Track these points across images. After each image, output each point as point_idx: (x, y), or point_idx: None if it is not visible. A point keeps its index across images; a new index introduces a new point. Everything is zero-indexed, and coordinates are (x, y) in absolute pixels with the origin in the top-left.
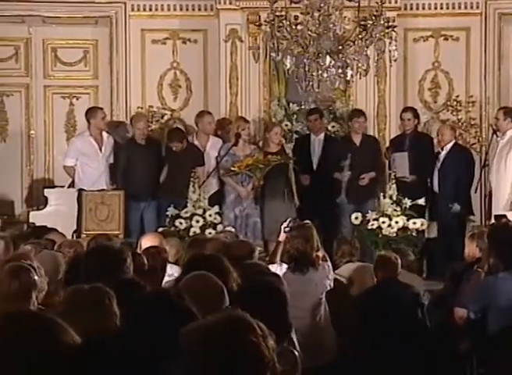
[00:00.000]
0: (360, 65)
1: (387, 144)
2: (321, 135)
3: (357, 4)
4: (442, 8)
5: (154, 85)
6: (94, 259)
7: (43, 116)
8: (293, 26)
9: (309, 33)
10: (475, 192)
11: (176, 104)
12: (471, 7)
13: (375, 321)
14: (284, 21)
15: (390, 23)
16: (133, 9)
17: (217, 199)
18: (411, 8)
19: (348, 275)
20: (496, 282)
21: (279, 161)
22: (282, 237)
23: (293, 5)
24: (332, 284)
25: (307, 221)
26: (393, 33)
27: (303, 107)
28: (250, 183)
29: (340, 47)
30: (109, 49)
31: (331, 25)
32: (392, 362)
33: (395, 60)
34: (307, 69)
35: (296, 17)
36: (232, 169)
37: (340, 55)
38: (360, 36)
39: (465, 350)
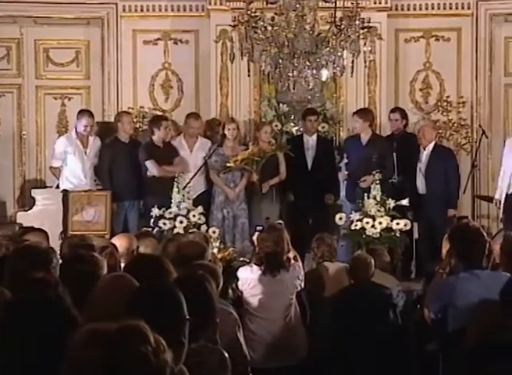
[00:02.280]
0: (335, 65)
1: None
2: (314, 135)
3: (333, 5)
4: (433, 9)
5: (145, 86)
6: (18, 259)
7: (35, 117)
8: (268, 27)
9: (284, 33)
10: (463, 193)
11: (168, 105)
12: (462, 8)
13: (348, 321)
14: (259, 22)
15: (365, 24)
16: (124, 10)
17: (205, 199)
18: (402, 9)
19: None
20: (456, 282)
21: (273, 151)
22: (255, 236)
23: (270, 5)
24: (302, 284)
25: (280, 221)
26: (368, 34)
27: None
28: (240, 184)
29: (316, 48)
30: (101, 50)
31: (306, 26)
32: (364, 362)
33: (370, 61)
34: (282, 70)
35: (272, 18)
36: (229, 164)
37: (315, 56)
38: (333, 37)
39: (432, 350)
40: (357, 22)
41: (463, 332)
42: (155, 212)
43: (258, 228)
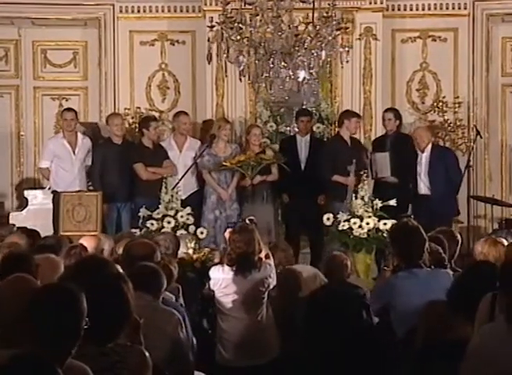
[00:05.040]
0: (311, 66)
1: None
2: (308, 136)
3: (309, 5)
4: (429, 9)
5: (142, 86)
6: None
7: (32, 118)
8: (244, 28)
9: (259, 34)
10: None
11: (165, 105)
12: (459, 8)
13: (322, 321)
14: (234, 23)
15: (342, 25)
16: (121, 11)
17: (196, 199)
18: (399, 9)
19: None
20: (395, 281)
21: (270, 160)
22: (227, 233)
23: (247, 6)
24: (274, 282)
25: (252, 217)
26: (345, 34)
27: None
28: (232, 185)
29: (292, 48)
30: (98, 51)
31: (283, 26)
32: (336, 361)
33: (347, 62)
34: (258, 70)
35: (250, 19)
36: (224, 163)
37: (291, 57)
38: (309, 37)
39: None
40: (334, 22)
41: (410, 331)
42: (143, 212)
43: (230, 225)
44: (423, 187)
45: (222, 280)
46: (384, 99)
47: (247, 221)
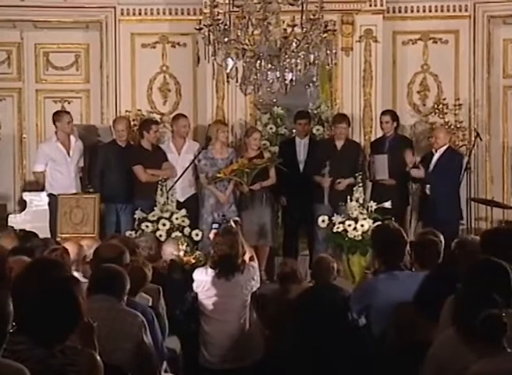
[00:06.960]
0: (298, 68)
1: None
2: (306, 138)
3: (297, 8)
4: (430, 11)
5: (143, 89)
6: None
7: (35, 120)
8: (231, 30)
9: (247, 37)
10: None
11: (166, 108)
12: (460, 10)
13: (308, 322)
14: (221, 25)
15: (329, 28)
16: (122, 14)
17: (195, 202)
18: (400, 11)
19: None
20: (376, 283)
21: (265, 163)
22: (211, 234)
23: (235, 8)
24: (258, 285)
25: (236, 218)
26: (333, 36)
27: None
28: (229, 188)
29: (279, 51)
30: (100, 53)
31: (271, 27)
32: (323, 363)
33: (335, 64)
34: (246, 73)
35: (238, 21)
36: (218, 175)
37: (279, 59)
38: (296, 40)
39: None
40: (321, 25)
41: (384, 332)
42: (139, 214)
43: (214, 226)
44: (427, 187)
45: (204, 282)
46: (385, 101)
47: (232, 223)
